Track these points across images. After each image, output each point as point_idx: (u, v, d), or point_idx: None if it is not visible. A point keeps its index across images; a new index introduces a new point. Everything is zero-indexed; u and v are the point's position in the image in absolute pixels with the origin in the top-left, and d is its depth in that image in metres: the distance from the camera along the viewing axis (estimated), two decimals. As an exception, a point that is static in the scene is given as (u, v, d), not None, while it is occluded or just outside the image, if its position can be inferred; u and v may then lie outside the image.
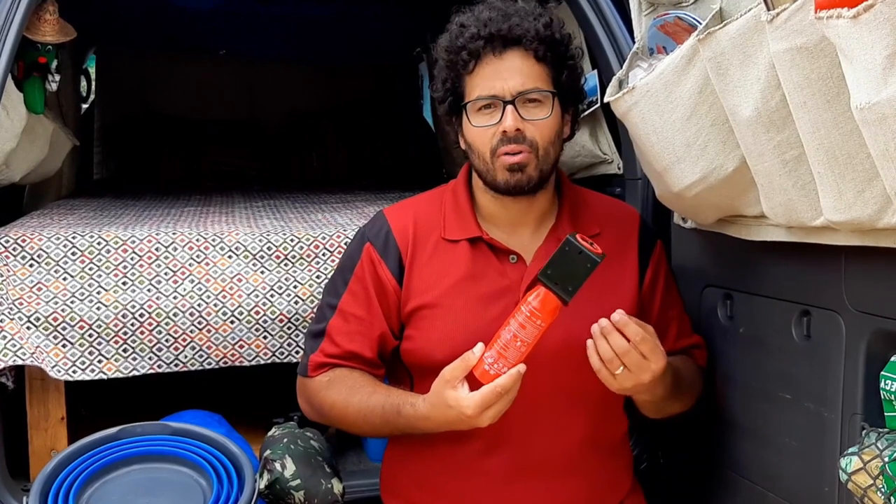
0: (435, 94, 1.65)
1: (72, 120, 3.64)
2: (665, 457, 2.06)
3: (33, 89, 2.39)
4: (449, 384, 1.44)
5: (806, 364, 1.53)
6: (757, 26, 1.29)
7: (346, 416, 1.61)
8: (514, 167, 1.54)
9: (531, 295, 1.42)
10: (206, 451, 1.66)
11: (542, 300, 1.41)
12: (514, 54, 1.53)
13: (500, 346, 1.42)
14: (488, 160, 1.56)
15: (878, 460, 1.29)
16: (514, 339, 1.41)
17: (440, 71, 1.61)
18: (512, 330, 1.42)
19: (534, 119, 1.54)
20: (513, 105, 1.52)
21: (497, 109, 1.54)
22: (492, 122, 1.54)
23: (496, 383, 1.40)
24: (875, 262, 1.33)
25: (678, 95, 1.53)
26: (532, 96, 1.54)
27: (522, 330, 1.41)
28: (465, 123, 1.58)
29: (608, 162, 2.40)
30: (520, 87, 1.52)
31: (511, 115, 1.52)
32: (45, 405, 2.07)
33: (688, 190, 1.61)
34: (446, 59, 1.58)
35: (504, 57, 1.53)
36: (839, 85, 1.15)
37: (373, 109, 4.74)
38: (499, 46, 1.52)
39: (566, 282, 1.40)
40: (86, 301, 1.99)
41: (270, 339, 2.09)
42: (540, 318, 1.40)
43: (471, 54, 1.53)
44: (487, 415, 1.42)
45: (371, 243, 1.66)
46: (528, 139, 1.54)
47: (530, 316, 1.41)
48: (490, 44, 1.52)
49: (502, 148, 1.54)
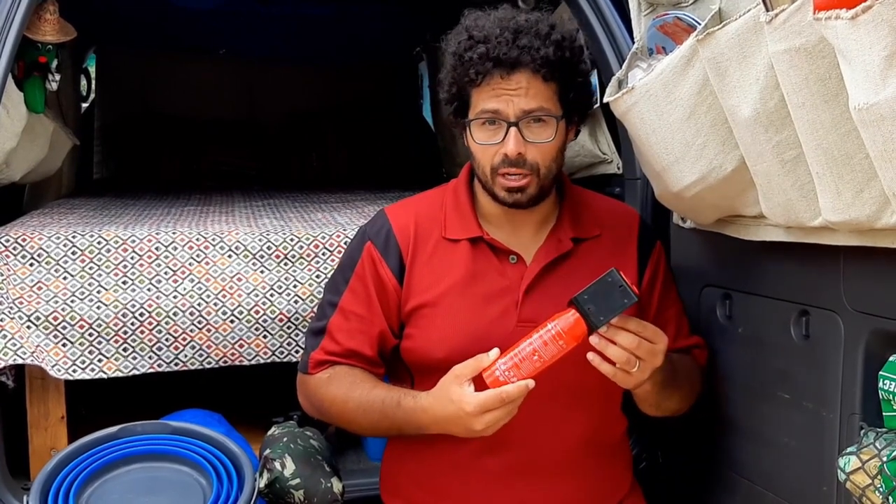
0: (441, 96, 1.64)
1: (72, 119, 3.64)
2: (664, 456, 2.06)
3: (33, 89, 2.39)
4: (457, 380, 1.44)
5: (804, 364, 1.53)
6: (756, 27, 1.29)
7: (346, 412, 1.61)
8: (513, 190, 1.55)
9: (562, 315, 1.42)
10: (206, 450, 1.67)
11: (572, 324, 1.40)
12: (521, 75, 1.51)
13: (518, 357, 1.42)
14: (488, 175, 1.57)
15: (876, 460, 1.29)
16: (532, 353, 1.41)
17: (447, 74, 1.60)
18: (533, 345, 1.41)
19: (537, 141, 1.53)
20: (517, 127, 1.51)
21: (500, 128, 1.53)
22: (494, 141, 1.54)
23: (502, 389, 1.40)
24: (873, 263, 1.34)
25: (677, 96, 1.53)
26: (537, 116, 1.53)
27: (544, 347, 1.41)
28: (469, 135, 1.58)
29: (608, 162, 2.41)
30: (525, 107, 1.51)
31: (514, 138, 1.51)
32: (45, 404, 2.07)
33: (687, 190, 1.62)
34: (453, 66, 1.57)
35: (511, 78, 1.51)
36: (838, 86, 1.15)
37: (373, 109, 4.74)
38: (507, 68, 1.50)
39: (599, 311, 1.40)
40: (86, 300, 2.00)
41: (270, 338, 2.09)
42: (564, 340, 1.41)
43: (478, 73, 1.52)
44: (485, 418, 1.42)
45: (372, 242, 1.66)
46: (529, 163, 1.53)
47: (556, 336, 1.41)
48: (498, 66, 1.50)
49: (503, 169, 1.54)
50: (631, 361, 1.42)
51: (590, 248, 1.66)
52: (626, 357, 1.42)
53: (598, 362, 1.43)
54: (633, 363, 1.42)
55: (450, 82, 1.60)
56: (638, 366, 1.43)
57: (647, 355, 1.43)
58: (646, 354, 1.43)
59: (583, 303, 1.40)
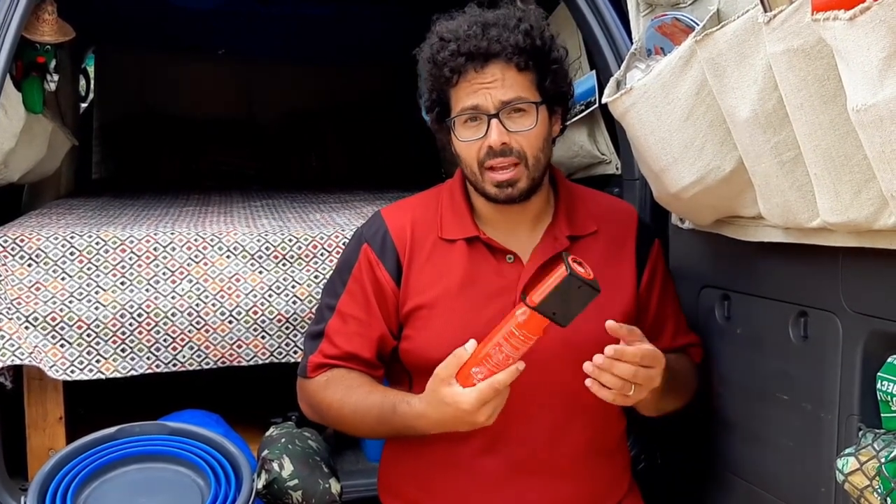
0: (423, 104, 1.65)
1: (70, 119, 3.64)
2: (663, 457, 2.06)
3: (32, 89, 2.39)
4: (444, 382, 1.44)
5: (803, 365, 1.53)
6: (754, 28, 1.29)
7: (343, 416, 1.61)
8: (503, 184, 1.55)
9: (515, 313, 1.40)
10: (204, 450, 1.67)
11: (528, 319, 1.38)
12: (495, 67, 1.52)
13: (490, 363, 1.41)
14: (477, 172, 1.57)
15: (874, 461, 1.29)
16: (506, 358, 1.40)
17: (425, 81, 1.61)
18: (503, 349, 1.40)
19: (520, 130, 1.53)
20: (497, 118, 1.52)
21: (482, 123, 1.54)
22: (477, 136, 1.54)
23: (494, 378, 1.40)
24: (872, 264, 1.34)
25: (676, 96, 1.53)
26: (517, 106, 1.53)
27: (513, 349, 1.40)
28: (452, 136, 1.59)
29: (606, 162, 2.41)
30: (503, 98, 1.52)
31: (496, 129, 1.52)
32: (43, 405, 2.07)
33: (685, 191, 1.61)
34: (429, 70, 1.58)
35: (485, 71, 1.52)
36: (836, 87, 1.15)
37: (372, 109, 4.73)
38: (480, 61, 1.52)
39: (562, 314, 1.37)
40: (84, 301, 1.99)
41: (268, 338, 2.09)
42: (529, 333, 1.39)
43: (452, 70, 1.53)
44: (485, 411, 1.41)
45: (368, 244, 1.66)
46: (516, 151, 1.54)
47: (521, 337, 1.39)
48: (471, 60, 1.52)
49: (489, 161, 1.54)
50: (627, 387, 1.42)
51: (587, 245, 1.66)
52: (621, 384, 1.41)
53: (597, 388, 1.42)
54: (630, 388, 1.42)
55: (429, 88, 1.61)
56: (634, 389, 1.43)
57: (645, 381, 1.43)
58: (643, 380, 1.43)
59: (544, 308, 1.36)
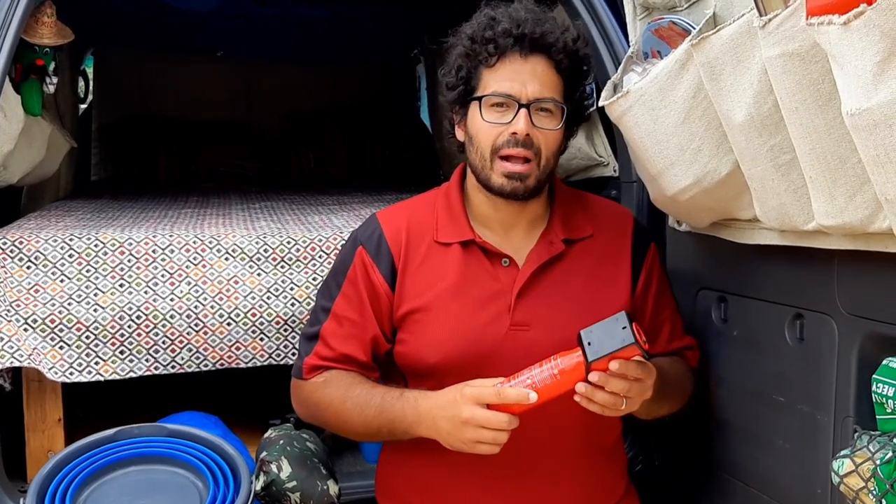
0: (446, 80, 1.63)
1: (69, 121, 3.64)
2: (659, 459, 2.07)
3: (31, 91, 2.39)
4: (469, 400, 1.43)
5: (799, 367, 1.54)
6: (750, 32, 1.30)
7: (343, 413, 1.60)
8: (514, 176, 1.55)
9: (568, 354, 1.41)
10: (203, 452, 1.67)
11: (573, 366, 1.39)
12: (538, 60, 1.54)
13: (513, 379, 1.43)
14: (487, 158, 1.56)
15: (869, 463, 1.30)
16: (531, 385, 1.41)
17: (456, 58, 1.60)
18: (533, 378, 1.41)
19: (544, 128, 1.54)
20: (527, 109, 1.53)
21: (510, 110, 1.54)
22: (503, 121, 1.54)
23: (501, 388, 1.41)
24: (867, 266, 1.34)
25: (672, 100, 1.54)
26: (546, 105, 1.54)
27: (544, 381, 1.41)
28: (473, 116, 1.58)
29: (604, 165, 2.41)
30: (538, 94, 1.53)
31: (524, 118, 1.52)
32: (42, 407, 2.07)
33: (682, 193, 1.62)
34: (468, 47, 1.57)
35: (529, 60, 1.53)
36: (831, 90, 1.15)
37: (371, 110, 4.74)
38: (527, 48, 1.53)
39: (595, 347, 1.37)
40: (83, 303, 2.00)
41: (267, 340, 2.09)
42: (560, 377, 1.40)
43: (497, 48, 1.53)
44: (477, 412, 1.41)
45: (363, 247, 1.66)
46: (535, 146, 1.54)
47: (556, 373, 1.40)
48: (519, 43, 1.52)
49: (506, 150, 1.54)
50: (618, 403, 1.41)
51: (583, 249, 1.66)
52: (613, 401, 1.41)
53: (586, 403, 1.42)
54: (621, 403, 1.42)
55: (459, 65, 1.59)
56: (626, 403, 1.43)
57: (637, 394, 1.43)
58: (636, 394, 1.43)
59: (584, 336, 1.38)
